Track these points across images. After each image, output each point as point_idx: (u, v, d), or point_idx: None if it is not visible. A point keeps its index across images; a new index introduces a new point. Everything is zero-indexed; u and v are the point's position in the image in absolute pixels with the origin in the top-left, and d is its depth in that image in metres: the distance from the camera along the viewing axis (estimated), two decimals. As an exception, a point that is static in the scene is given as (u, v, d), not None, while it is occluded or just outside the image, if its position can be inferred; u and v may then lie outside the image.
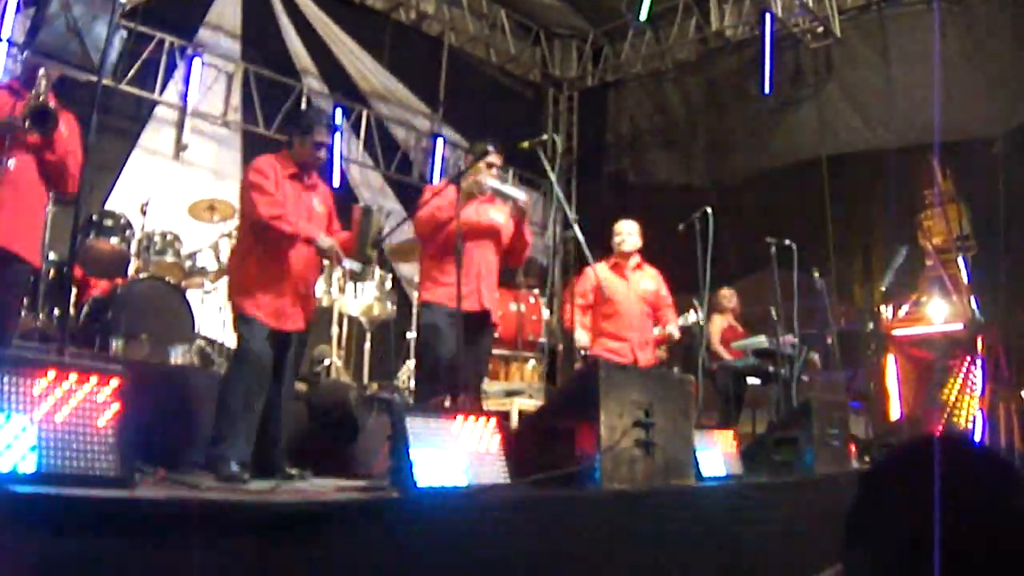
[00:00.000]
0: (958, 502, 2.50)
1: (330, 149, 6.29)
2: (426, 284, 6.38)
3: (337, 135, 12.66)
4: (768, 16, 13.16)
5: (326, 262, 6.16)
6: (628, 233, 7.97)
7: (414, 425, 3.91)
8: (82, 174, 5.10)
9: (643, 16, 13.72)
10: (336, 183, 12.15)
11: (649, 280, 8.04)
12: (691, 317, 8.32)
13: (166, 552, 2.83)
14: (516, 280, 9.81)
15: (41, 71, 5.06)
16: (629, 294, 7.85)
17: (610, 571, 4.28)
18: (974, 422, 16.51)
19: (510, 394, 8.96)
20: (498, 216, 6.50)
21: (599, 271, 7.47)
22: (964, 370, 17.16)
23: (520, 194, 6.34)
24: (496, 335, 7.19)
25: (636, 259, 8.05)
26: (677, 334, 8.15)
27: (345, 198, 6.04)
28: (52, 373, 3.43)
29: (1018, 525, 2.48)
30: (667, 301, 8.16)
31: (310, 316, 5.96)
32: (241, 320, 5.66)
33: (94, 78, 4.96)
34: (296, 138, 5.92)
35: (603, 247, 7.95)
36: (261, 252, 5.68)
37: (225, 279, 8.38)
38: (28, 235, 5.18)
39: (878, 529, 2.55)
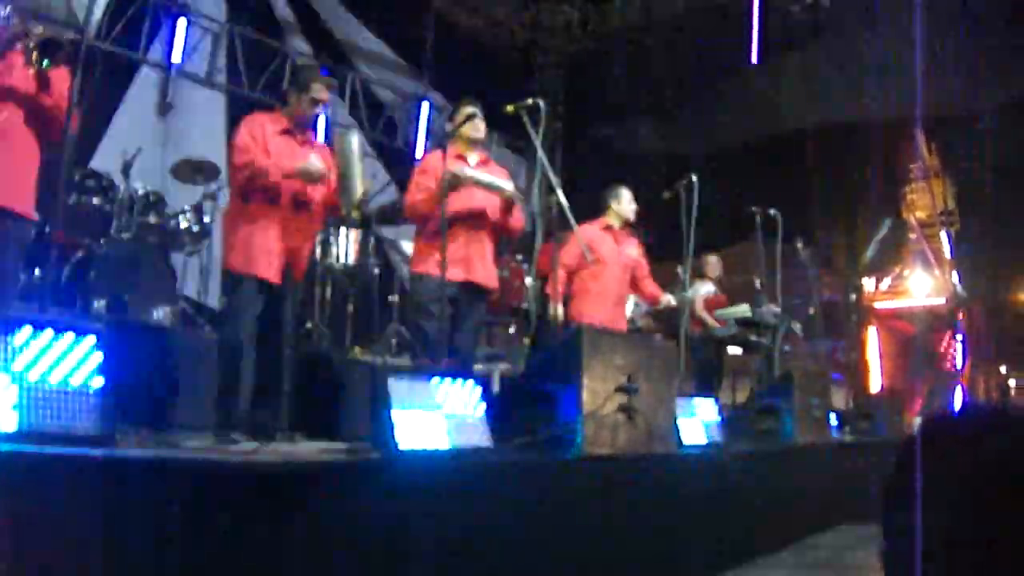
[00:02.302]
0: (1006, 471, 2.50)
1: (325, 107, 6.23)
2: (417, 258, 6.31)
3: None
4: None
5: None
6: (630, 201, 7.95)
7: (396, 388, 3.90)
8: (67, 124, 5.04)
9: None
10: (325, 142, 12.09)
11: (634, 248, 8.03)
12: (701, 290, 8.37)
13: (146, 511, 2.82)
14: (499, 246, 9.79)
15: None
16: (618, 259, 7.82)
17: (591, 536, 4.30)
18: (954, 396, 16.63)
19: (492, 359, 8.96)
20: (485, 198, 6.44)
21: (588, 232, 7.43)
22: (945, 344, 17.27)
23: (506, 184, 6.30)
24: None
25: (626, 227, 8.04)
26: (674, 302, 8.13)
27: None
28: (34, 331, 3.42)
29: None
30: (647, 271, 8.15)
31: (303, 269, 5.90)
32: (230, 276, 5.64)
33: (78, 36, 4.90)
34: (292, 95, 5.83)
35: (588, 213, 7.93)
36: (250, 207, 5.62)
37: (207, 241, 8.38)
38: (22, 190, 5.10)
39: (921, 495, 2.55)
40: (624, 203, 7.91)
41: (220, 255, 5.94)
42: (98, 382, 3.55)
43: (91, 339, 3.56)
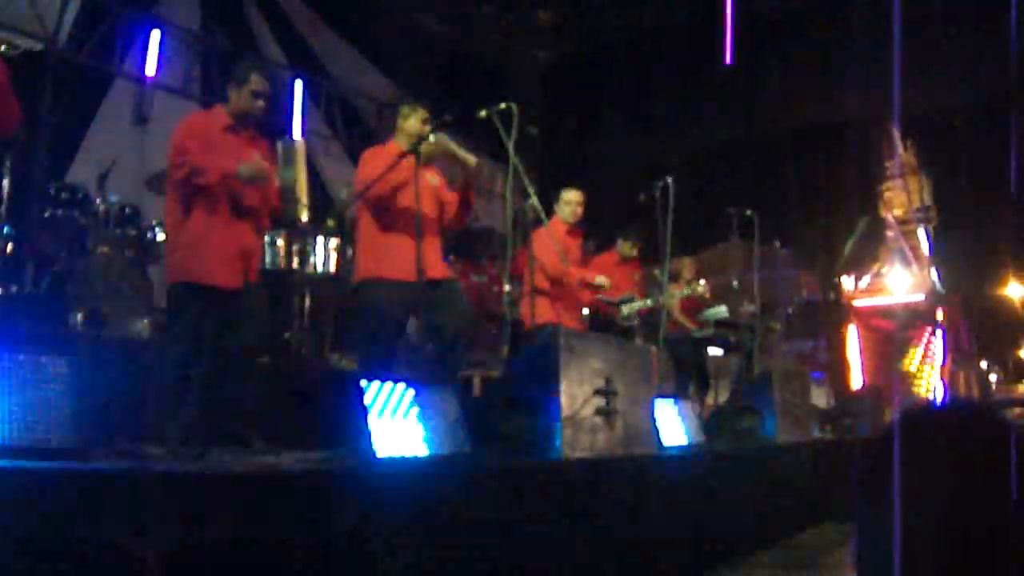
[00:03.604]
0: (984, 468, 2.50)
1: (275, 100, 6.13)
2: (364, 259, 6.22)
3: (298, 105, 12.62)
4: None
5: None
6: (577, 203, 7.91)
7: (373, 394, 3.90)
8: (18, 122, 4.91)
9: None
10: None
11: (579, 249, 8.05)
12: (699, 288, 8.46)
13: (121, 524, 2.81)
14: (475, 251, 9.80)
15: None
16: (571, 260, 7.81)
17: (571, 540, 4.30)
18: (934, 392, 16.67)
19: (471, 364, 8.96)
20: (434, 179, 6.42)
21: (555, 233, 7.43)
22: (925, 341, 17.31)
23: (471, 156, 6.26)
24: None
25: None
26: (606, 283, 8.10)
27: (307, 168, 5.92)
28: (8, 348, 3.40)
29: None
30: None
31: (254, 272, 5.76)
32: (176, 287, 5.55)
33: (45, 47, 4.83)
34: (232, 90, 5.76)
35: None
36: (190, 211, 5.50)
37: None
38: None
39: (893, 491, 2.55)
40: (568, 206, 7.90)
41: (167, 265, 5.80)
42: (72, 396, 3.54)
43: (68, 355, 3.56)
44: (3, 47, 5.03)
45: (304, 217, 5.90)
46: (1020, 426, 2.54)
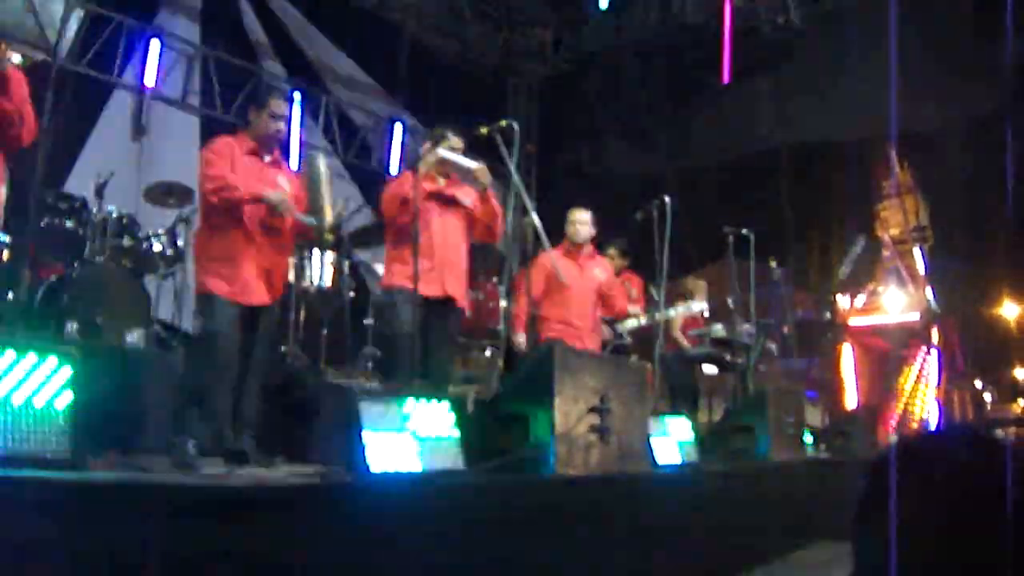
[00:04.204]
0: (984, 493, 2.51)
1: (288, 125, 6.21)
2: (389, 269, 6.32)
3: (296, 120, 12.64)
4: (728, 4, 13.18)
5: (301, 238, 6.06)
6: (581, 223, 7.88)
7: (368, 409, 3.91)
8: (22, 131, 4.93)
9: (603, 3, 13.77)
10: (295, 167, 12.09)
11: (600, 269, 8.00)
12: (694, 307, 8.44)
13: (115, 535, 2.81)
14: (474, 268, 9.80)
15: None
16: (582, 282, 7.78)
17: (565, 558, 4.30)
18: (929, 412, 16.70)
19: (467, 381, 8.95)
20: (464, 196, 6.45)
21: (553, 258, 7.42)
22: (920, 360, 17.34)
23: (472, 163, 6.27)
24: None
25: (589, 248, 7.99)
26: (642, 316, 8.13)
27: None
28: (6, 354, 3.41)
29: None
30: (619, 289, 8.11)
31: (278, 290, 5.87)
32: (204, 299, 5.59)
33: (49, 58, 4.86)
34: (252, 113, 5.85)
35: (561, 235, 7.94)
36: (220, 228, 5.61)
37: (180, 264, 8.36)
38: None
39: (894, 513, 2.56)
40: (572, 227, 7.88)
41: (193, 277, 5.91)
42: (69, 406, 3.54)
43: (65, 363, 3.56)
44: (19, 58, 5.03)
45: (330, 236, 5.96)
46: (1014, 445, 2.55)
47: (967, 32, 12.57)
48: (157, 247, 8.26)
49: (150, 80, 11.44)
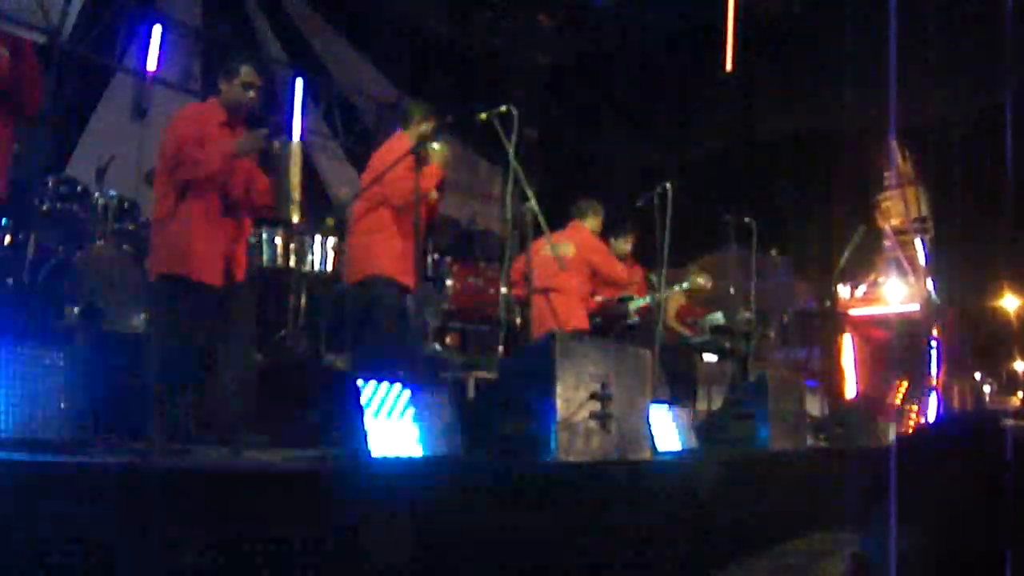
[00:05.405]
0: (993, 479, 2.51)
1: (268, 95, 6.13)
2: (378, 254, 6.27)
3: (298, 104, 12.64)
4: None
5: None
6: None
7: (369, 395, 3.90)
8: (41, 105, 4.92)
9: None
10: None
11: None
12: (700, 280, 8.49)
13: (115, 518, 2.81)
14: (472, 253, 9.79)
15: None
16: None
17: (564, 544, 4.30)
18: (928, 402, 16.70)
19: (467, 366, 8.94)
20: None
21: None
22: (919, 351, 17.34)
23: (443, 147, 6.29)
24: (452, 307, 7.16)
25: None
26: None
27: (304, 167, 5.89)
28: (5, 340, 3.41)
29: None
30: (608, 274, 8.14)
31: (240, 271, 5.68)
32: (168, 282, 5.48)
33: (51, 40, 4.85)
34: (223, 83, 5.72)
35: (560, 222, 7.93)
36: (181, 206, 5.45)
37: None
38: None
39: (905, 503, 2.55)
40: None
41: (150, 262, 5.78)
42: (70, 390, 3.54)
43: (67, 347, 3.56)
44: (37, 35, 5.04)
45: (296, 217, 5.88)
46: (1015, 430, 2.55)
47: (969, 24, 12.53)
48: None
49: (152, 64, 11.41)
